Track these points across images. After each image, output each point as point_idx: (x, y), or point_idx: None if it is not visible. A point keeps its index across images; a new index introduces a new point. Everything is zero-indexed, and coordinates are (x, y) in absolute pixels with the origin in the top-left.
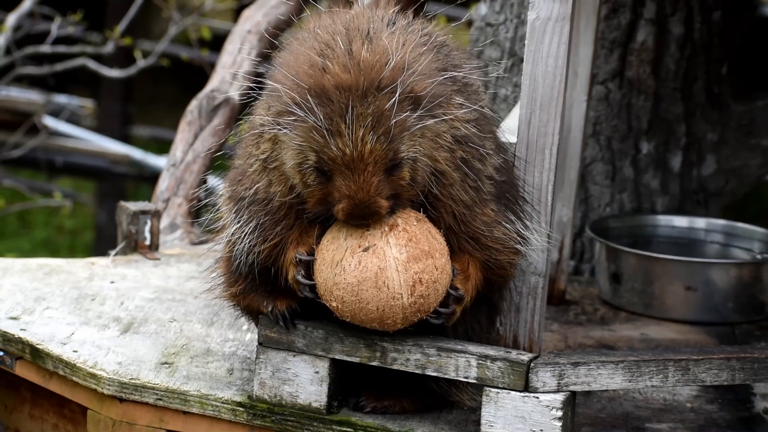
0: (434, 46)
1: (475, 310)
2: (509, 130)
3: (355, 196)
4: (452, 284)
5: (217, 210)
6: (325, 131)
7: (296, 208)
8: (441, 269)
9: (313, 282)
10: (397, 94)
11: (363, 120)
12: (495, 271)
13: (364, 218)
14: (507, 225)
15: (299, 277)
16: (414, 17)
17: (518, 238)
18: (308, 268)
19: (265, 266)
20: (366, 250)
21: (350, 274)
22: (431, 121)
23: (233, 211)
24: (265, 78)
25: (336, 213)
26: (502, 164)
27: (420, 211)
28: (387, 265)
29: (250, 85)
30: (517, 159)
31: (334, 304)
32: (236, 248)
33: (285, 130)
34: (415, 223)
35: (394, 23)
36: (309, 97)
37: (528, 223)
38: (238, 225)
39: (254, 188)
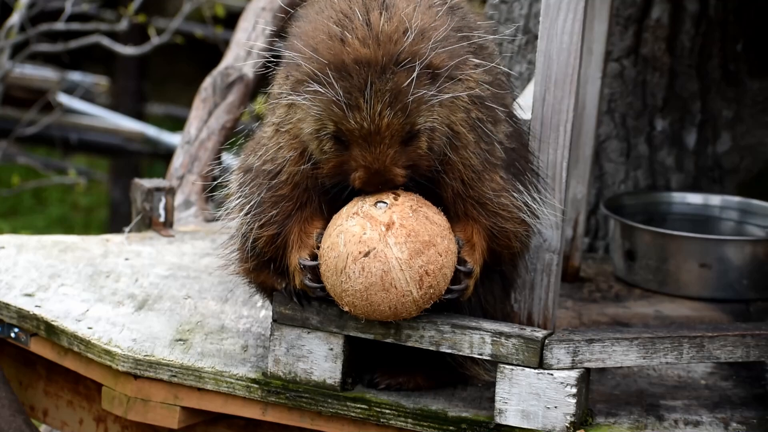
0: (449, 8)
1: (487, 282)
2: (524, 107)
3: (371, 166)
4: (460, 258)
5: (229, 183)
6: (344, 105)
7: (301, 186)
8: (445, 252)
9: (322, 284)
10: (415, 72)
11: (381, 96)
12: (500, 241)
13: (379, 186)
14: (514, 194)
15: (307, 281)
16: None
17: (525, 208)
18: (314, 271)
19: (269, 258)
20: (366, 255)
21: (356, 281)
22: (449, 93)
23: (239, 182)
24: (282, 48)
25: (352, 181)
26: (512, 132)
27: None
28: (390, 266)
29: (264, 62)
30: (530, 134)
31: (346, 308)
32: (235, 223)
33: (303, 100)
34: (410, 215)
35: None
36: (328, 71)
37: (536, 195)
38: (238, 200)
39: (263, 155)
